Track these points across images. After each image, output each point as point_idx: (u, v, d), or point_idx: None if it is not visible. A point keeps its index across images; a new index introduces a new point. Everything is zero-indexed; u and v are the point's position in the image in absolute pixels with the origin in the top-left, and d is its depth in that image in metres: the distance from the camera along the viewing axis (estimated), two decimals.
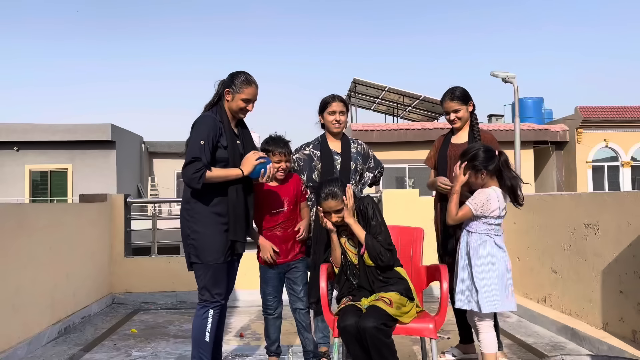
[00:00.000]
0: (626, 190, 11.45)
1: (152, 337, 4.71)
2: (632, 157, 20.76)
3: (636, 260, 3.87)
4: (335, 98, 3.72)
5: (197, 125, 3.03)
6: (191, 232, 3.06)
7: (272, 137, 3.52)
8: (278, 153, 3.42)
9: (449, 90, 3.75)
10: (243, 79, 3.11)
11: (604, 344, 3.96)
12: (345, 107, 3.75)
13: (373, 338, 2.77)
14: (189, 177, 2.91)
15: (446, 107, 3.74)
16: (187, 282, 6.28)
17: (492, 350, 3.12)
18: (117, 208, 6.39)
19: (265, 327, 3.68)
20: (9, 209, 4.25)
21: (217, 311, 3.10)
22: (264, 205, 3.46)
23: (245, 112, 3.17)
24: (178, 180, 25.40)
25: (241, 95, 3.09)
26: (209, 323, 3.05)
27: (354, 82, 21.49)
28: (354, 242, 3.14)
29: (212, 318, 3.06)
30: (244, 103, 3.11)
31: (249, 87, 3.10)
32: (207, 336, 3.04)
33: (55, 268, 4.83)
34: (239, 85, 3.09)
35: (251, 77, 3.15)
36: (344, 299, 3.10)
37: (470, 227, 3.21)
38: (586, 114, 20.04)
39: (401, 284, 3.07)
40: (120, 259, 6.35)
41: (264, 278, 3.59)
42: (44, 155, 20.99)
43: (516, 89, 15.41)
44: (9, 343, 4.00)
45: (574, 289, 4.65)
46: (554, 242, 4.96)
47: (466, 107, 3.72)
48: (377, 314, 2.83)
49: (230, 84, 3.11)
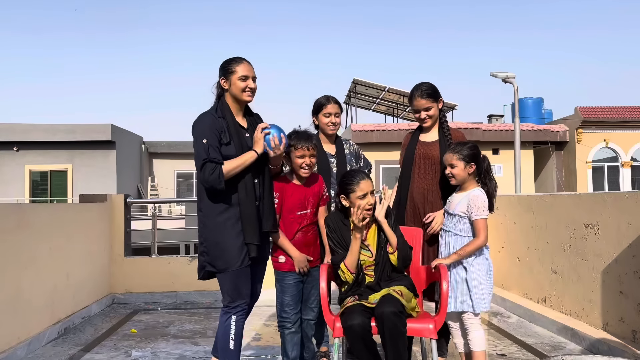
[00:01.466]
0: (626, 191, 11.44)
1: (152, 337, 4.71)
2: (632, 157, 20.76)
3: (636, 261, 3.87)
4: (330, 100, 3.65)
5: (195, 127, 2.94)
6: (204, 240, 2.97)
7: (295, 130, 3.28)
8: (300, 147, 3.16)
9: (416, 86, 3.50)
10: (230, 60, 3.00)
11: (604, 344, 3.96)
12: (340, 108, 3.68)
13: (390, 324, 2.73)
14: (208, 180, 2.81)
15: (416, 105, 3.48)
16: (187, 282, 6.29)
17: (483, 348, 3.16)
18: (117, 208, 6.39)
19: (282, 344, 3.31)
20: (9, 209, 4.25)
21: (240, 317, 2.97)
22: (287, 206, 3.24)
23: (250, 91, 3.00)
24: (178, 180, 25.44)
25: (236, 75, 2.95)
26: (232, 330, 2.93)
27: (354, 82, 21.48)
28: (364, 245, 3.13)
29: (235, 325, 2.94)
30: (243, 81, 2.96)
31: (239, 64, 2.97)
32: (231, 343, 2.92)
33: (55, 268, 4.83)
34: (228, 66, 2.98)
35: (238, 56, 3.02)
36: (349, 298, 3.03)
37: (454, 229, 3.21)
38: (586, 114, 20.04)
39: (406, 279, 3.11)
40: (120, 259, 6.35)
41: (282, 286, 3.25)
42: (44, 155, 20.99)
43: (516, 89, 15.42)
44: (9, 343, 4.00)
45: (574, 289, 4.65)
46: (554, 242, 4.96)
47: (437, 105, 3.49)
48: (395, 301, 2.82)
49: (221, 72, 3.01)
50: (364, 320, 2.79)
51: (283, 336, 3.30)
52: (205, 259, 2.98)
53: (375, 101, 23.84)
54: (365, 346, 2.81)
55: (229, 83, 2.98)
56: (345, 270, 3.04)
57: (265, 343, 4.46)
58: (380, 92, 22.13)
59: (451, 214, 3.24)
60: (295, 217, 3.24)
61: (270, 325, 4.94)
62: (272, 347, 4.30)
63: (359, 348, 2.82)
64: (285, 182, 3.27)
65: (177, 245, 16.57)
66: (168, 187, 24.84)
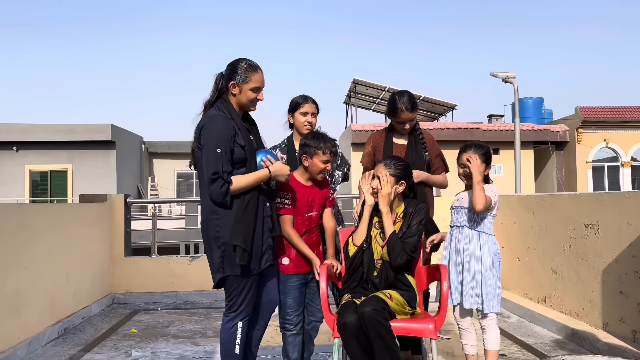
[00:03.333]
0: (626, 191, 11.45)
1: (152, 337, 4.71)
2: (632, 157, 20.77)
3: (636, 261, 3.87)
4: (308, 99, 3.59)
5: (208, 130, 2.74)
6: (221, 244, 2.78)
7: (319, 133, 3.18)
8: (329, 152, 3.10)
9: (399, 99, 3.56)
10: (246, 66, 2.82)
11: (604, 344, 3.96)
12: (317, 109, 3.61)
13: (372, 321, 2.70)
14: (214, 194, 2.70)
15: (403, 118, 3.57)
16: (187, 283, 6.29)
17: (497, 348, 3.19)
18: (117, 208, 6.39)
19: (283, 346, 3.30)
20: (9, 209, 4.25)
21: (245, 322, 2.90)
22: (295, 207, 3.17)
23: (256, 102, 2.90)
24: (178, 180, 25.45)
25: (249, 85, 2.80)
26: (238, 335, 2.86)
27: (354, 82, 21.48)
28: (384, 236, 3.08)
29: (241, 330, 2.88)
30: (254, 93, 2.83)
31: (255, 74, 2.82)
32: (237, 348, 2.86)
33: (55, 268, 4.83)
34: (243, 74, 2.80)
35: (253, 61, 2.85)
36: (346, 295, 3.03)
37: (469, 223, 3.22)
38: (586, 114, 20.04)
39: (409, 292, 3.03)
40: (120, 259, 6.35)
41: (284, 288, 3.21)
42: (44, 155, 21.00)
43: (516, 89, 15.42)
44: (9, 343, 3.99)
45: (574, 289, 4.65)
46: (554, 242, 4.96)
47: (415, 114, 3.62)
48: (376, 301, 2.80)
49: (233, 74, 2.81)
50: (356, 319, 2.76)
51: (284, 337, 3.28)
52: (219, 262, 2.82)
53: (375, 101, 23.84)
54: (359, 345, 2.78)
55: (239, 90, 2.82)
56: (350, 243, 3.10)
57: (266, 343, 4.45)
58: (380, 92, 22.12)
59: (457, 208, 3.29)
60: (303, 220, 3.21)
61: (271, 325, 4.89)
62: (272, 347, 4.30)
63: (353, 347, 2.80)
64: (295, 183, 3.22)
65: (177, 245, 16.58)
66: (168, 187, 24.85)
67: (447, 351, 4.11)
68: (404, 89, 3.66)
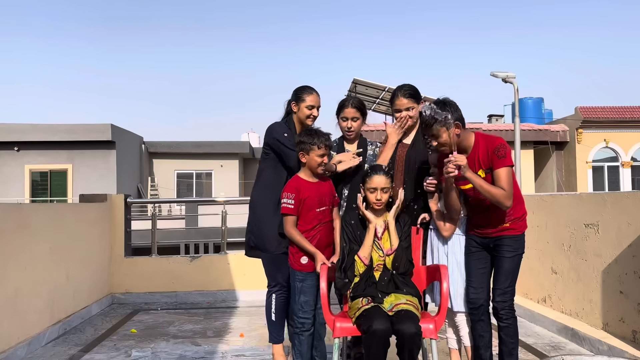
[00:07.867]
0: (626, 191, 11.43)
1: (152, 337, 4.71)
2: (632, 157, 20.77)
3: (636, 261, 3.87)
4: (348, 103, 3.59)
5: (273, 129, 3.55)
6: (252, 221, 3.58)
7: (312, 129, 3.35)
8: (324, 147, 3.23)
9: (399, 87, 3.49)
10: (303, 88, 3.59)
11: (604, 344, 3.96)
12: (360, 111, 3.59)
13: (411, 343, 2.78)
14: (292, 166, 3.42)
15: (398, 105, 3.45)
16: (187, 283, 6.30)
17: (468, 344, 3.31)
18: (117, 208, 6.39)
19: (295, 346, 3.27)
20: (9, 209, 4.25)
21: (280, 294, 3.50)
22: (307, 204, 3.24)
23: (312, 118, 3.57)
24: (178, 180, 25.44)
25: (305, 103, 3.55)
26: (273, 306, 3.53)
27: (354, 82, 21.47)
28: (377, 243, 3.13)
29: (275, 301, 3.52)
30: (309, 110, 3.55)
31: (310, 95, 3.56)
32: (273, 316, 3.54)
33: (55, 268, 4.83)
34: (301, 95, 3.57)
35: (311, 87, 3.60)
36: (362, 300, 2.98)
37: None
38: (586, 114, 20.05)
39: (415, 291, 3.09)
40: (120, 259, 6.35)
41: (302, 288, 3.22)
42: (44, 155, 20.98)
43: (516, 89, 15.42)
44: (9, 343, 3.99)
45: (574, 289, 4.65)
46: (554, 242, 4.96)
47: (418, 106, 3.42)
48: (414, 319, 2.84)
49: (294, 95, 3.60)
50: (388, 327, 2.78)
51: (298, 338, 3.25)
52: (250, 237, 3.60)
53: (375, 101, 23.82)
54: (384, 351, 2.79)
55: (297, 107, 3.58)
56: (358, 262, 3.07)
57: (266, 343, 4.45)
58: (380, 92, 22.11)
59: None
60: (316, 214, 3.26)
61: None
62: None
63: (377, 352, 2.78)
64: (299, 181, 3.28)
65: (177, 245, 16.56)
66: (168, 187, 24.84)
67: (447, 351, 4.11)
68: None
